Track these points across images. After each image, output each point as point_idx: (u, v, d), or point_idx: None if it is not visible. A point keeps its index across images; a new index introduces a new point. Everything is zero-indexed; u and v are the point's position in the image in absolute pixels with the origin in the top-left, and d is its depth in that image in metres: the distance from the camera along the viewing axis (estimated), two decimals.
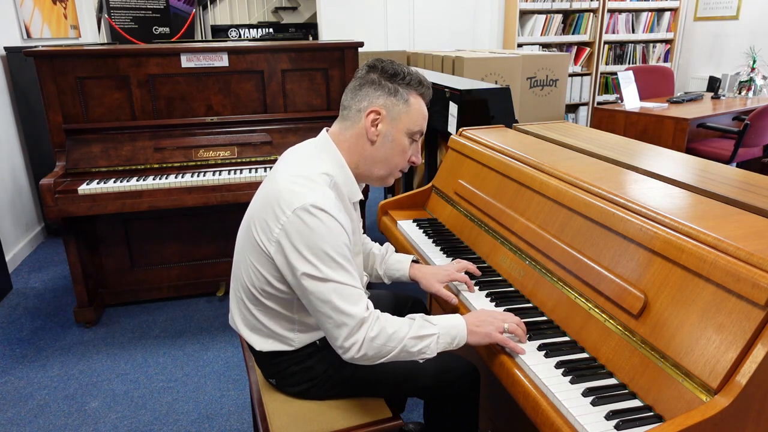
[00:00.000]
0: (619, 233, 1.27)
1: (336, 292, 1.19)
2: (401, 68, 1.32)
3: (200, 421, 2.14)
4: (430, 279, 1.53)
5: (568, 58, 4.38)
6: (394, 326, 1.23)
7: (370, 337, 1.20)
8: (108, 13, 5.70)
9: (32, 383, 2.38)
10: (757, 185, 1.41)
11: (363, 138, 1.32)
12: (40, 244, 3.93)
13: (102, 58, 2.69)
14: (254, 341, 1.39)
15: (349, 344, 1.20)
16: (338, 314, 1.19)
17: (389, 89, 1.30)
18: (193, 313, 2.93)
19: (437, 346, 1.25)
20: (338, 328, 1.20)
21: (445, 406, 1.48)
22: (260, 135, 2.89)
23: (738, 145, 3.57)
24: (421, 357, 1.26)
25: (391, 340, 1.21)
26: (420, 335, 1.24)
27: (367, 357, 1.22)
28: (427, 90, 1.35)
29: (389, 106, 1.30)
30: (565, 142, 1.92)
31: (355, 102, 1.32)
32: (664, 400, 1.03)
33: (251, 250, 1.30)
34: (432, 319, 1.28)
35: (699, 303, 1.05)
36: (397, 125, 1.32)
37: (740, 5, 5.39)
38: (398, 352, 1.23)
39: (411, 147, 1.36)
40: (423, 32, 5.63)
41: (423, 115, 1.35)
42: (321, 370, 1.40)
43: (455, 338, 1.27)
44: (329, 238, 1.19)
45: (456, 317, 1.30)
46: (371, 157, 1.33)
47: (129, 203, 2.58)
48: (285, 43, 3.04)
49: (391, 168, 1.36)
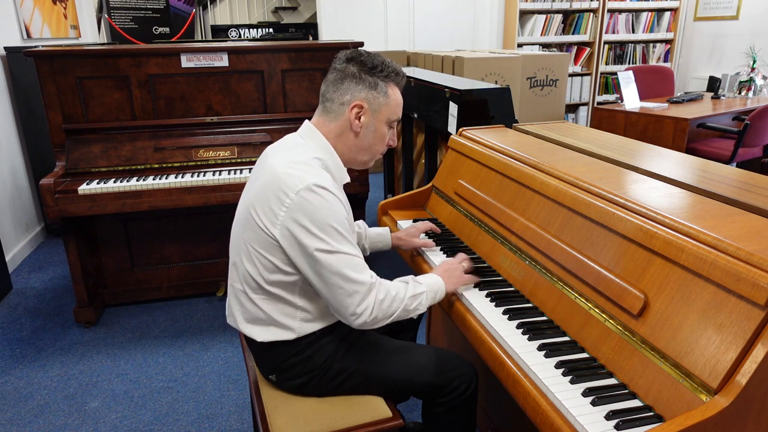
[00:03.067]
0: (619, 233, 1.27)
1: (345, 262, 1.29)
2: (378, 60, 1.41)
3: (200, 421, 2.14)
4: (407, 238, 1.76)
5: (568, 58, 4.38)
6: (395, 288, 1.38)
7: (379, 300, 1.33)
8: (108, 13, 5.70)
9: (32, 383, 2.38)
10: (757, 185, 1.41)
11: (347, 129, 1.41)
12: (40, 244, 3.93)
13: (102, 58, 2.69)
14: (255, 333, 1.42)
15: (362, 309, 1.31)
16: (349, 283, 1.30)
17: (370, 83, 1.39)
18: (193, 313, 2.93)
19: (426, 301, 1.43)
20: (350, 296, 1.30)
21: (443, 405, 1.49)
22: (260, 135, 2.89)
23: (738, 145, 3.57)
24: (415, 313, 1.42)
25: (395, 301, 1.36)
26: (415, 294, 1.40)
27: (377, 320, 1.34)
28: (402, 79, 1.46)
29: (371, 100, 1.39)
30: (565, 142, 1.92)
31: (337, 95, 1.40)
32: (664, 400, 1.03)
33: (253, 238, 1.34)
34: (419, 279, 1.46)
35: (699, 303, 1.05)
36: (378, 116, 1.42)
37: (740, 5, 5.39)
38: (401, 311, 1.37)
39: (389, 132, 1.47)
40: (423, 32, 5.64)
41: (400, 104, 1.47)
42: (320, 361, 1.42)
43: (437, 292, 1.45)
44: (333, 214, 1.29)
45: (432, 276, 1.48)
46: (355, 146, 1.44)
47: (129, 203, 2.58)
48: (285, 43, 3.04)
49: (373, 153, 1.48)
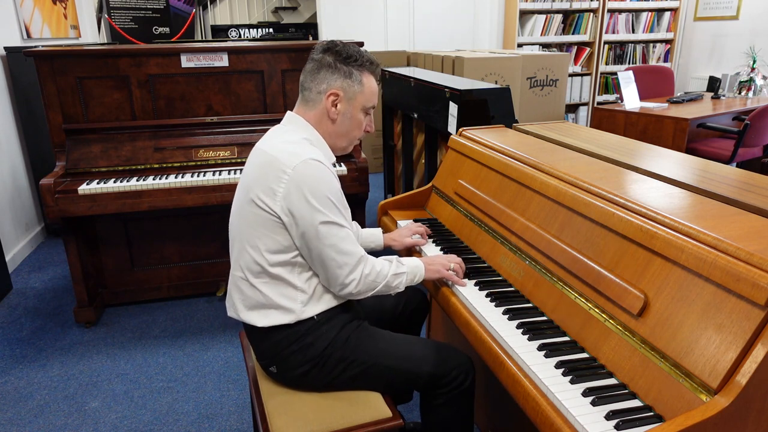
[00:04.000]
0: (619, 233, 1.27)
1: (339, 236, 1.38)
2: (353, 50, 1.47)
3: (200, 421, 2.14)
4: (398, 238, 1.82)
5: (568, 58, 4.38)
6: (380, 265, 1.47)
7: (365, 274, 1.42)
8: (108, 13, 5.70)
9: (32, 383, 2.38)
10: (757, 185, 1.41)
11: (324, 117, 1.48)
12: (40, 244, 3.93)
13: (102, 58, 2.69)
14: (255, 318, 1.44)
15: (349, 280, 1.40)
16: (341, 255, 1.38)
17: (345, 72, 1.45)
18: (193, 313, 2.93)
19: (405, 281, 1.51)
20: (340, 268, 1.39)
21: (441, 397, 1.50)
22: (260, 135, 2.85)
23: (738, 145, 3.57)
24: (395, 290, 1.51)
25: (379, 276, 1.45)
26: (397, 273, 1.49)
27: (361, 292, 1.44)
28: (377, 68, 1.51)
29: (346, 88, 1.46)
30: (565, 142, 1.92)
31: (315, 84, 1.46)
32: (664, 400, 1.03)
33: (254, 220, 1.40)
34: (402, 260, 1.54)
35: (699, 303, 1.05)
36: (353, 104, 1.48)
37: (740, 5, 5.39)
38: (382, 287, 1.47)
39: (365, 119, 1.53)
40: (423, 32, 5.63)
41: (375, 92, 1.52)
42: (320, 348, 1.44)
43: (416, 275, 1.54)
44: (329, 185, 1.38)
45: (416, 259, 1.57)
46: (334, 133, 1.50)
47: (129, 203, 2.58)
48: (285, 43, 3.04)
49: (351, 139, 1.54)
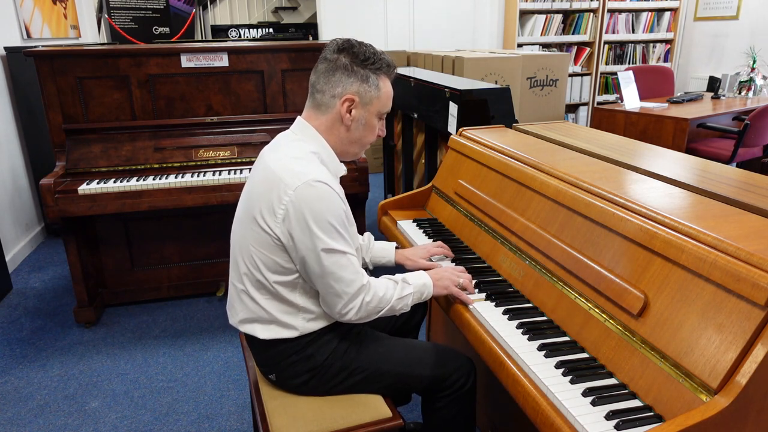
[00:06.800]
0: (619, 233, 1.27)
1: (339, 263, 1.30)
2: (370, 51, 1.38)
3: (200, 421, 2.14)
4: (413, 258, 1.68)
5: (568, 58, 4.38)
6: (383, 289, 1.39)
7: (366, 302, 1.35)
8: (108, 13, 5.70)
9: (32, 383, 2.38)
10: (757, 185, 1.41)
11: (338, 123, 1.39)
12: (40, 244, 3.93)
13: (102, 58, 2.69)
14: (257, 330, 1.42)
15: (347, 310, 1.34)
16: (340, 284, 1.31)
17: (362, 76, 1.35)
18: (193, 313, 2.93)
19: (412, 302, 1.45)
20: (338, 296, 1.33)
21: (443, 399, 1.49)
22: (260, 135, 2.89)
23: (738, 145, 3.57)
24: (400, 312, 1.44)
25: (382, 302, 1.38)
26: (402, 296, 1.42)
27: (362, 318, 1.38)
28: (394, 71, 1.43)
29: (362, 93, 1.36)
30: (565, 142, 1.92)
31: (329, 87, 1.36)
32: (664, 400, 1.03)
33: (255, 238, 1.34)
34: (408, 279, 1.46)
35: (699, 303, 1.05)
36: (369, 109, 1.39)
37: (740, 5, 5.39)
38: (386, 311, 1.40)
39: (379, 123, 1.46)
40: (423, 32, 5.63)
41: (391, 96, 1.44)
42: (321, 359, 1.42)
43: (423, 294, 1.46)
44: (331, 209, 1.29)
45: (423, 275, 1.49)
46: (347, 139, 1.42)
47: (129, 203, 2.58)
48: (285, 43, 3.04)
49: (363, 145, 1.46)
